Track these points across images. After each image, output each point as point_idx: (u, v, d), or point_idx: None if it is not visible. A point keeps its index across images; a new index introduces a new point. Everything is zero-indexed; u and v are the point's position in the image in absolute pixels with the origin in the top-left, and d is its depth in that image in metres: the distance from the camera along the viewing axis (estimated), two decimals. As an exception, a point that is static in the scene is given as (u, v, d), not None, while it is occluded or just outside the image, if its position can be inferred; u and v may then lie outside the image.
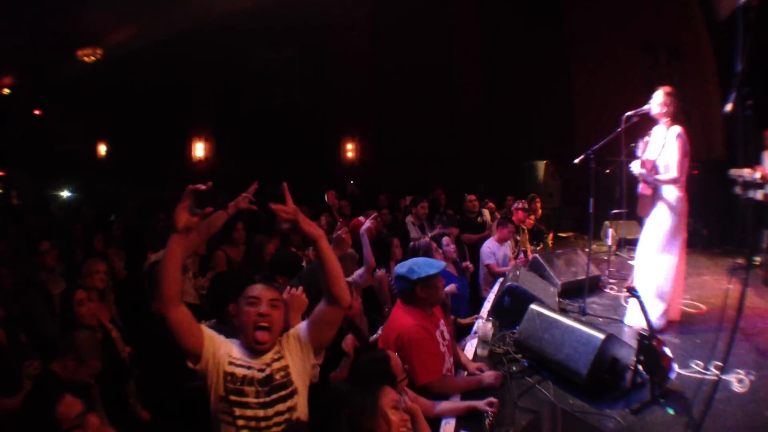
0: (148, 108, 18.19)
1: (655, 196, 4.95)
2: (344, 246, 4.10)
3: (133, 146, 18.97)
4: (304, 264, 4.77)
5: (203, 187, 2.50)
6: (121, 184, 17.22)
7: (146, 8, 14.18)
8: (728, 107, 3.50)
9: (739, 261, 6.95)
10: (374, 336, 4.12)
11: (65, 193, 17.79)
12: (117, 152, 20.49)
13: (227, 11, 15.56)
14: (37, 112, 20.94)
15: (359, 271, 4.61)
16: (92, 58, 16.84)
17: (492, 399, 3.32)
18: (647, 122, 5.08)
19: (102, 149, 21.04)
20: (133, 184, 16.87)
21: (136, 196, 14.13)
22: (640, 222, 5.25)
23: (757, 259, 6.87)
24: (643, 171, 4.94)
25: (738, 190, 6.87)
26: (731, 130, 3.51)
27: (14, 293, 4.94)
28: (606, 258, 7.06)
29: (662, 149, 4.85)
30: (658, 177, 4.85)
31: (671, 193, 4.82)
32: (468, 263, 6.84)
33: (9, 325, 4.11)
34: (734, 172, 6.73)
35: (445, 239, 6.15)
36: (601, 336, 3.54)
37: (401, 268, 3.76)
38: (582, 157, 5.30)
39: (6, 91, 19.38)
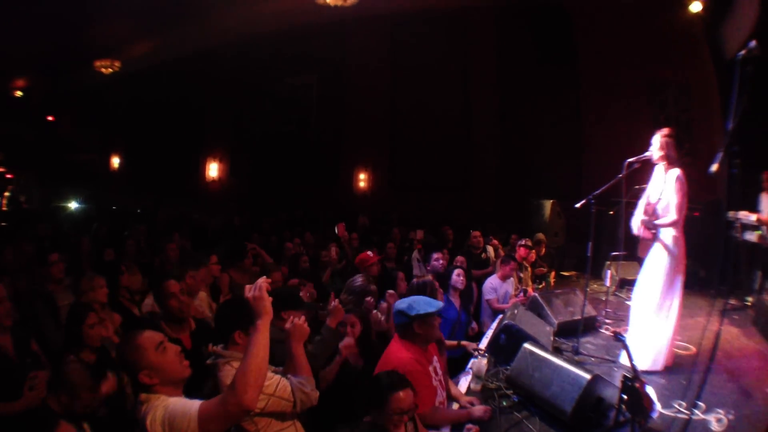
0: (164, 124, 18.53)
1: (654, 237, 5.01)
2: (339, 315, 3.94)
3: (146, 161, 19.24)
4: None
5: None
6: (132, 199, 17.49)
7: (168, 25, 14.56)
8: (714, 168, 3.66)
9: (732, 302, 7.09)
10: None
11: (73, 204, 17.98)
12: (130, 166, 20.71)
13: (249, 33, 16.04)
14: (50, 118, 21.20)
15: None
16: (110, 69, 17.16)
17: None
18: (649, 167, 5.16)
19: (115, 162, 21.18)
20: (144, 199, 17.12)
21: (149, 211, 14.25)
22: (641, 263, 5.29)
23: (749, 299, 7.00)
24: (645, 218, 5.00)
25: (736, 232, 7.03)
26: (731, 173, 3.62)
27: (17, 303, 4.83)
28: (604, 298, 7.17)
29: (662, 192, 4.92)
30: (658, 222, 4.92)
31: (668, 234, 4.89)
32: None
33: (18, 332, 4.08)
34: (732, 214, 6.89)
35: (456, 271, 6.34)
36: (587, 376, 3.71)
37: (401, 303, 3.92)
38: (583, 201, 5.42)
39: (18, 93, 19.55)
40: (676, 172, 4.86)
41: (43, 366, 3.77)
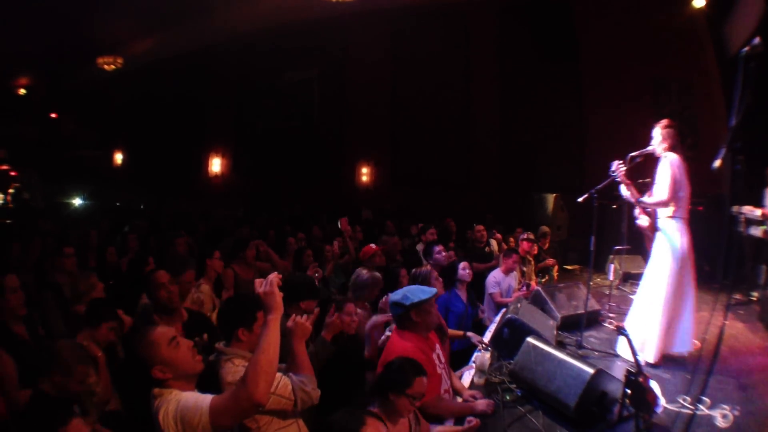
0: (167, 120, 18.58)
1: (654, 229, 4.99)
2: (335, 329, 3.88)
3: (149, 157, 19.29)
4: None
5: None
6: (135, 195, 17.61)
7: (170, 21, 14.62)
8: (717, 163, 3.64)
9: (737, 297, 7.05)
10: None
11: (77, 201, 18.08)
12: (133, 162, 20.79)
13: (250, 29, 16.07)
14: (53, 115, 21.37)
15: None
16: (112, 66, 17.25)
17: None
18: (651, 161, 5.13)
19: (118, 158, 21.27)
20: (147, 196, 17.26)
21: (152, 207, 14.24)
22: (645, 257, 5.30)
23: (755, 294, 6.96)
24: (643, 199, 4.99)
25: (740, 226, 6.98)
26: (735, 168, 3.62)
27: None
28: (607, 292, 7.13)
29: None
30: (645, 199, 4.93)
31: (669, 227, 4.86)
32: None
33: (30, 321, 4.19)
34: (737, 209, 6.85)
35: (462, 264, 6.28)
36: (591, 370, 3.68)
37: (396, 295, 3.94)
38: (586, 195, 5.38)
39: (22, 91, 19.69)
40: (672, 156, 4.85)
41: None
